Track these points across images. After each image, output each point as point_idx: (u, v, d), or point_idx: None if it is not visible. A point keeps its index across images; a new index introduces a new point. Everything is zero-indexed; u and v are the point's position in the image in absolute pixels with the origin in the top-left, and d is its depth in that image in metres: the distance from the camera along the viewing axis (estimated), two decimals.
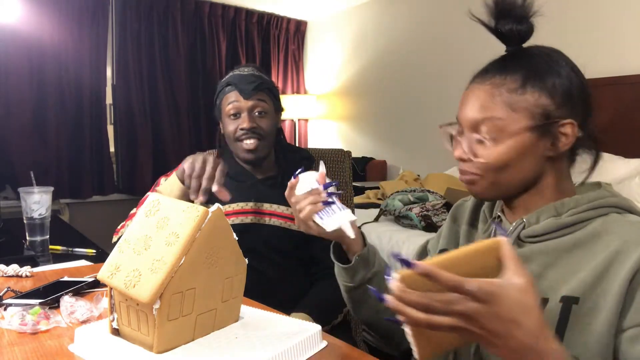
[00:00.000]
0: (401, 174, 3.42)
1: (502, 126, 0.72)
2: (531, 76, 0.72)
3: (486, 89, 0.74)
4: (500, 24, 0.75)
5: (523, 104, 0.71)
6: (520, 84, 0.72)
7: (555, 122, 0.71)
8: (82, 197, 3.57)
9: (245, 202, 1.27)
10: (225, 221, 0.75)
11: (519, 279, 0.53)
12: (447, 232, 0.92)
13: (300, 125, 4.60)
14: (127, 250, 0.71)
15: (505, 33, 0.75)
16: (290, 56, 4.74)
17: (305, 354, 0.73)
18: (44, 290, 0.98)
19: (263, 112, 1.28)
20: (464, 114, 0.76)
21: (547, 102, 0.71)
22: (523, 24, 0.74)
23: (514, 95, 0.72)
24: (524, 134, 0.71)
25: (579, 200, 0.73)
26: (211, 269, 0.72)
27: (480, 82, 0.75)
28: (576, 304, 0.66)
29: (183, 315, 0.69)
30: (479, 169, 0.74)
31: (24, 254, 1.34)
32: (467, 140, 0.75)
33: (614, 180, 2.24)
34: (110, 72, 3.72)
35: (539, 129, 0.71)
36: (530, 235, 0.74)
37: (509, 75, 0.73)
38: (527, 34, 0.75)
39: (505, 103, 0.72)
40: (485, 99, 0.73)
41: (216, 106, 1.34)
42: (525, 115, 0.71)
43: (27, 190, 1.44)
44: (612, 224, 0.70)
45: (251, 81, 1.27)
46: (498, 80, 0.73)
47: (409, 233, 2.25)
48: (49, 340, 0.77)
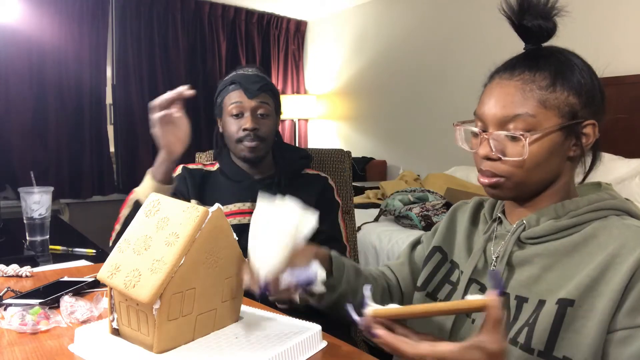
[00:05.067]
0: (401, 174, 3.43)
1: (535, 123, 0.70)
2: (559, 74, 0.71)
3: (516, 85, 0.72)
4: (527, 19, 0.73)
5: (554, 102, 0.70)
6: (551, 82, 0.71)
7: (580, 122, 0.71)
8: (82, 197, 3.57)
9: (242, 202, 1.27)
10: (225, 221, 0.75)
11: (493, 346, 0.54)
12: (443, 230, 0.92)
13: (300, 125, 4.60)
14: (127, 250, 0.71)
15: (531, 28, 0.74)
16: (290, 56, 4.74)
17: (305, 354, 0.73)
18: (44, 290, 0.98)
19: (266, 115, 1.27)
20: (490, 109, 0.73)
21: (574, 101, 0.71)
22: (549, 21, 0.73)
23: (545, 92, 0.70)
24: (555, 133, 0.70)
25: (578, 202, 0.73)
26: (211, 269, 0.72)
27: (509, 77, 0.73)
28: (571, 307, 0.66)
29: (183, 315, 0.69)
30: (510, 168, 0.72)
31: (24, 254, 1.34)
32: (495, 138, 0.72)
33: (614, 180, 2.24)
34: (110, 72, 3.72)
35: (567, 128, 0.71)
36: (531, 237, 0.74)
37: (537, 72, 0.71)
38: (552, 31, 0.74)
39: (537, 99, 0.70)
40: (516, 95, 0.71)
41: (217, 104, 1.32)
42: (556, 114, 0.70)
43: (27, 190, 1.44)
44: (610, 227, 0.70)
45: (256, 81, 1.26)
46: (528, 77, 0.71)
47: (408, 233, 2.25)
48: (49, 340, 0.77)
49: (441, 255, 0.89)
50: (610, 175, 2.27)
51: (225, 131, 1.31)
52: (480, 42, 3.19)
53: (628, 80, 2.52)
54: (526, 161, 0.70)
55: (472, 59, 3.24)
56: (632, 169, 2.31)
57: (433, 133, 3.64)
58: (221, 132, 1.34)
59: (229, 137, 1.29)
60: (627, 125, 2.47)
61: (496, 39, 2.88)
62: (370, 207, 2.90)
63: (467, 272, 0.80)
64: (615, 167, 2.34)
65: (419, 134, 3.78)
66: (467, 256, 0.84)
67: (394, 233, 2.27)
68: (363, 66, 4.28)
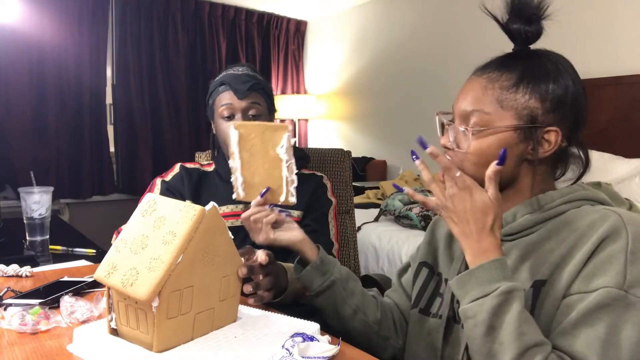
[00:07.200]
0: (401, 174, 3.43)
1: (488, 121, 0.73)
2: (526, 77, 0.72)
3: (481, 82, 0.75)
4: (511, 22, 0.75)
5: (512, 103, 0.72)
6: (514, 83, 0.72)
7: (539, 127, 0.72)
8: (82, 197, 3.57)
9: (235, 204, 1.26)
10: (221, 220, 0.75)
11: (488, 197, 0.68)
12: (426, 245, 0.94)
13: (300, 125, 4.60)
14: (123, 250, 0.71)
15: (513, 32, 0.75)
16: (290, 56, 4.74)
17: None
18: (44, 290, 0.98)
19: (257, 115, 1.25)
20: (457, 103, 0.77)
21: (536, 105, 0.72)
22: (532, 25, 0.74)
23: (505, 92, 0.72)
24: (507, 133, 0.72)
25: (553, 195, 0.75)
26: (208, 267, 0.73)
27: (479, 74, 0.76)
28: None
29: (182, 313, 0.69)
30: (460, 160, 0.76)
31: (24, 254, 1.34)
32: (454, 130, 0.76)
33: (614, 180, 2.24)
34: (110, 72, 3.72)
35: (523, 131, 0.72)
36: (509, 233, 0.76)
37: (505, 73, 0.73)
38: (534, 36, 0.75)
39: (496, 99, 0.73)
40: (478, 91, 0.74)
41: (209, 106, 1.30)
42: (512, 115, 0.72)
43: (27, 190, 1.44)
44: (581, 213, 0.71)
45: (245, 81, 1.24)
46: (494, 76, 0.74)
47: (408, 233, 2.25)
48: (48, 340, 0.77)
49: (427, 269, 0.91)
50: (610, 175, 2.27)
51: (218, 133, 1.29)
52: (480, 42, 3.19)
53: (628, 80, 2.51)
54: (472, 155, 0.74)
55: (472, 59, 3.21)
56: (632, 169, 2.30)
57: (433, 133, 3.63)
58: (214, 133, 1.33)
59: (221, 139, 1.27)
60: (627, 125, 2.47)
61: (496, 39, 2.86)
62: (370, 207, 2.90)
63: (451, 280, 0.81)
64: (615, 167, 2.33)
65: (419, 134, 3.77)
66: (450, 264, 0.86)
67: (394, 233, 2.27)
68: (363, 66, 4.27)
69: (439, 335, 0.81)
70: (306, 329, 0.75)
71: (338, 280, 0.90)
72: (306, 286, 0.91)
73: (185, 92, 4.02)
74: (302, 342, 0.69)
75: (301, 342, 0.69)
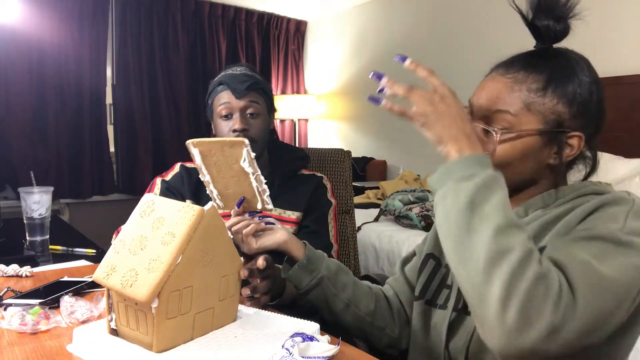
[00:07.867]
0: (401, 174, 3.43)
1: (513, 123, 0.71)
2: (554, 80, 0.71)
3: (507, 82, 0.73)
4: (538, 19, 0.73)
5: (540, 107, 0.70)
6: (542, 86, 0.71)
7: (565, 132, 0.71)
8: (82, 197, 3.57)
9: None
10: (220, 220, 0.75)
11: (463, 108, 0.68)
12: (433, 236, 0.93)
13: (300, 125, 4.60)
14: (122, 251, 0.71)
15: (540, 29, 0.74)
16: (290, 56, 4.74)
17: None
18: (44, 290, 0.98)
19: (255, 114, 1.25)
20: (478, 99, 0.75)
21: (563, 110, 0.71)
22: (560, 23, 0.73)
23: (533, 95, 0.71)
24: (532, 137, 0.71)
25: (565, 190, 0.74)
26: (207, 267, 0.73)
27: (504, 73, 0.74)
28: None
29: (181, 313, 0.69)
30: None
31: (24, 254, 1.34)
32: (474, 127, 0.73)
33: (614, 180, 2.23)
34: (110, 72, 3.72)
35: (548, 135, 0.71)
36: None
37: (533, 74, 0.71)
38: (562, 34, 0.74)
39: (522, 101, 0.71)
40: (503, 91, 0.72)
41: (208, 106, 1.31)
42: (539, 119, 0.71)
43: (27, 190, 1.44)
44: (586, 201, 0.71)
45: (243, 80, 1.24)
46: (521, 76, 0.72)
47: (409, 233, 2.25)
48: (48, 340, 0.77)
49: (435, 261, 0.90)
50: (610, 175, 2.27)
51: (217, 133, 1.29)
52: (480, 42, 3.19)
53: (628, 80, 2.52)
54: (495, 158, 0.71)
55: (472, 59, 3.23)
56: (632, 169, 2.30)
57: None
58: (214, 134, 1.33)
59: None
60: (627, 125, 2.47)
61: (497, 38, 2.88)
62: (370, 207, 2.90)
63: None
64: (615, 167, 2.33)
65: (419, 134, 3.77)
66: None
67: (394, 233, 2.27)
68: (363, 66, 4.27)
69: (444, 326, 0.80)
70: (306, 329, 0.75)
71: (326, 276, 0.90)
72: (295, 285, 0.91)
73: (185, 92, 4.02)
74: (302, 342, 0.69)
75: (301, 342, 0.69)
